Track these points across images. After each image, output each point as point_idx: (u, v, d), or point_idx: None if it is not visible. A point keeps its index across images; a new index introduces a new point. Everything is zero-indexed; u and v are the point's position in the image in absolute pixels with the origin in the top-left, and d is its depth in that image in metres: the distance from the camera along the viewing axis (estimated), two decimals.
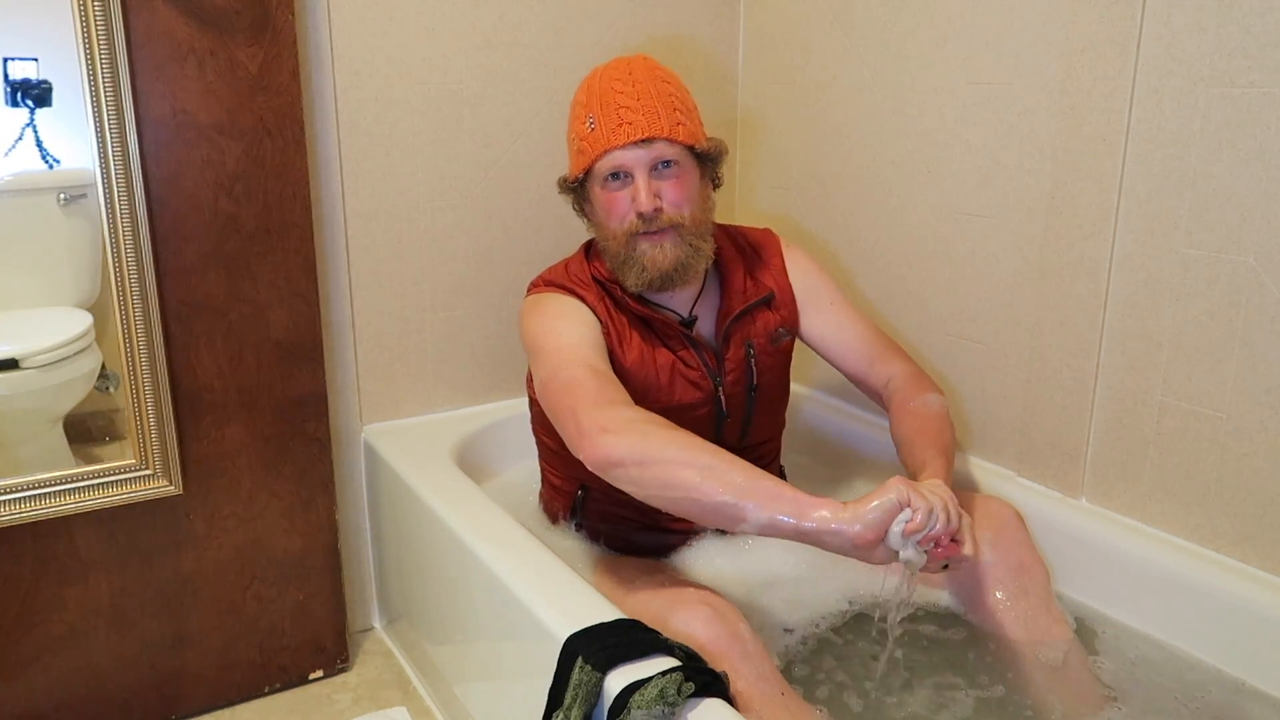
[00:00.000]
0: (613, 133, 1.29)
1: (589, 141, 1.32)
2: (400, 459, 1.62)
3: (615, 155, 1.30)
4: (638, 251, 1.32)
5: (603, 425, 1.16)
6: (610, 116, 1.30)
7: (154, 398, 1.45)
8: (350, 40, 1.60)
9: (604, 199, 1.34)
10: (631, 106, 1.30)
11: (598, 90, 1.33)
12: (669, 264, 1.31)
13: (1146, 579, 1.34)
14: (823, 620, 1.32)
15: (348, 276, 1.68)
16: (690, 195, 1.33)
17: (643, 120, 1.29)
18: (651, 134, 1.29)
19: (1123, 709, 1.21)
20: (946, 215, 1.61)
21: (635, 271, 1.33)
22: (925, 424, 1.32)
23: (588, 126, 1.32)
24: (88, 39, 1.32)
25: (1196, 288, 1.28)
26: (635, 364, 1.36)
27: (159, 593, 1.54)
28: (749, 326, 1.43)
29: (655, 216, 1.30)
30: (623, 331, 1.38)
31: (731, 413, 1.41)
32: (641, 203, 1.29)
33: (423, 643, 1.64)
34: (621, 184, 1.32)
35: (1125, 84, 1.31)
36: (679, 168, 1.32)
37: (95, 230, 1.39)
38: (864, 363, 1.46)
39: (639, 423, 1.15)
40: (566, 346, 1.29)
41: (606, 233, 1.35)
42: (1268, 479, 1.25)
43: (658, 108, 1.30)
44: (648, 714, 0.95)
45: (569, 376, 1.24)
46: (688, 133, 1.32)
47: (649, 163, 1.30)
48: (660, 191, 1.31)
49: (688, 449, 1.11)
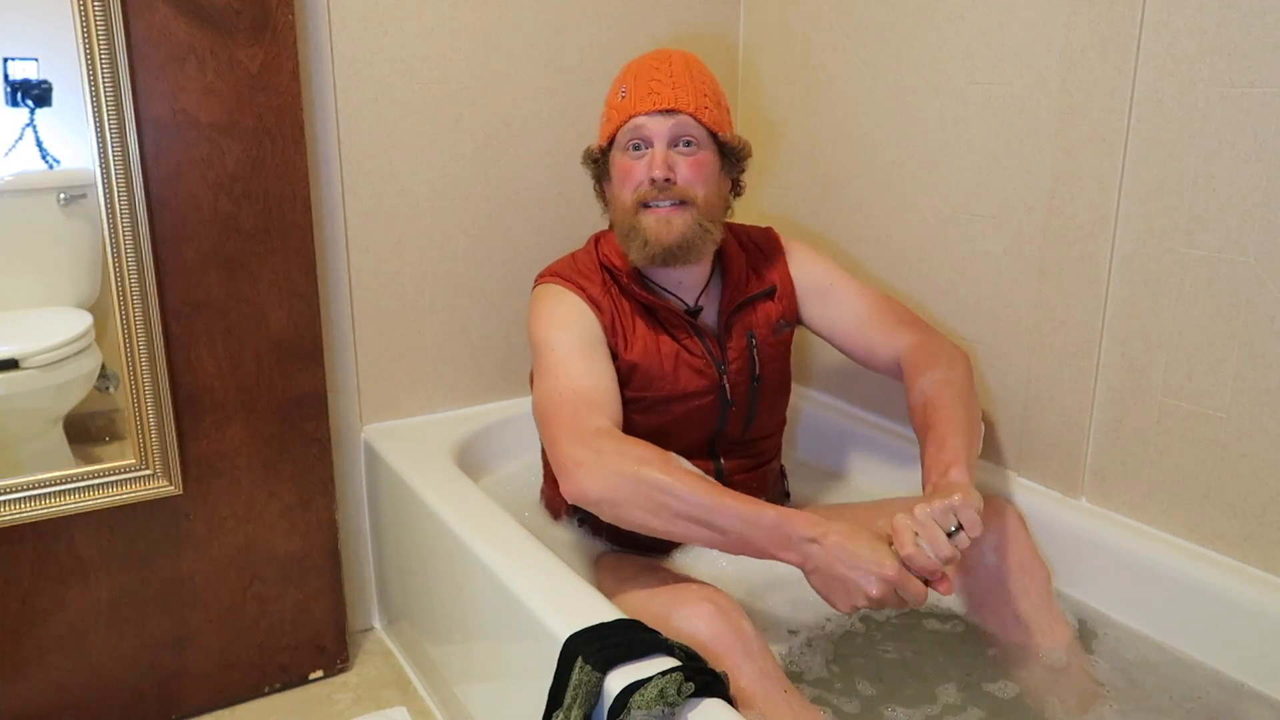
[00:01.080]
0: (640, 100, 1.33)
1: (617, 109, 1.36)
2: (400, 459, 1.62)
3: (639, 120, 1.33)
4: (642, 224, 1.33)
5: (578, 460, 1.18)
6: (641, 86, 1.34)
7: (154, 398, 1.45)
8: (350, 40, 1.60)
9: (621, 166, 1.36)
10: (663, 80, 1.34)
11: (635, 67, 1.39)
12: (673, 238, 1.31)
13: (1146, 579, 1.34)
14: (826, 621, 1.33)
15: (348, 276, 1.68)
16: (706, 177, 1.34)
17: (670, 93, 1.33)
18: (676, 105, 1.32)
19: (1122, 709, 1.21)
20: (946, 215, 1.61)
21: (639, 244, 1.33)
22: (929, 414, 1.27)
23: (619, 95, 1.37)
24: (88, 39, 1.32)
25: (1196, 288, 1.28)
26: (640, 354, 1.37)
27: (159, 593, 1.54)
28: (750, 316, 1.44)
29: (666, 186, 1.31)
30: (626, 321, 1.38)
31: (736, 401, 1.41)
32: (655, 168, 1.31)
33: (423, 643, 1.64)
34: (641, 154, 1.34)
35: (1125, 84, 1.31)
36: (699, 149, 1.34)
37: (95, 230, 1.39)
38: (868, 344, 1.44)
39: (613, 457, 1.17)
40: (558, 364, 1.30)
41: (618, 203, 1.37)
42: (1268, 479, 1.25)
43: (690, 87, 1.34)
44: (648, 714, 0.95)
45: (554, 403, 1.26)
46: (713, 118, 1.35)
47: (670, 134, 1.32)
48: (676, 165, 1.32)
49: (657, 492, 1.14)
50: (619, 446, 1.18)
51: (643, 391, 1.38)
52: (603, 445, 1.18)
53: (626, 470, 1.15)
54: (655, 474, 1.14)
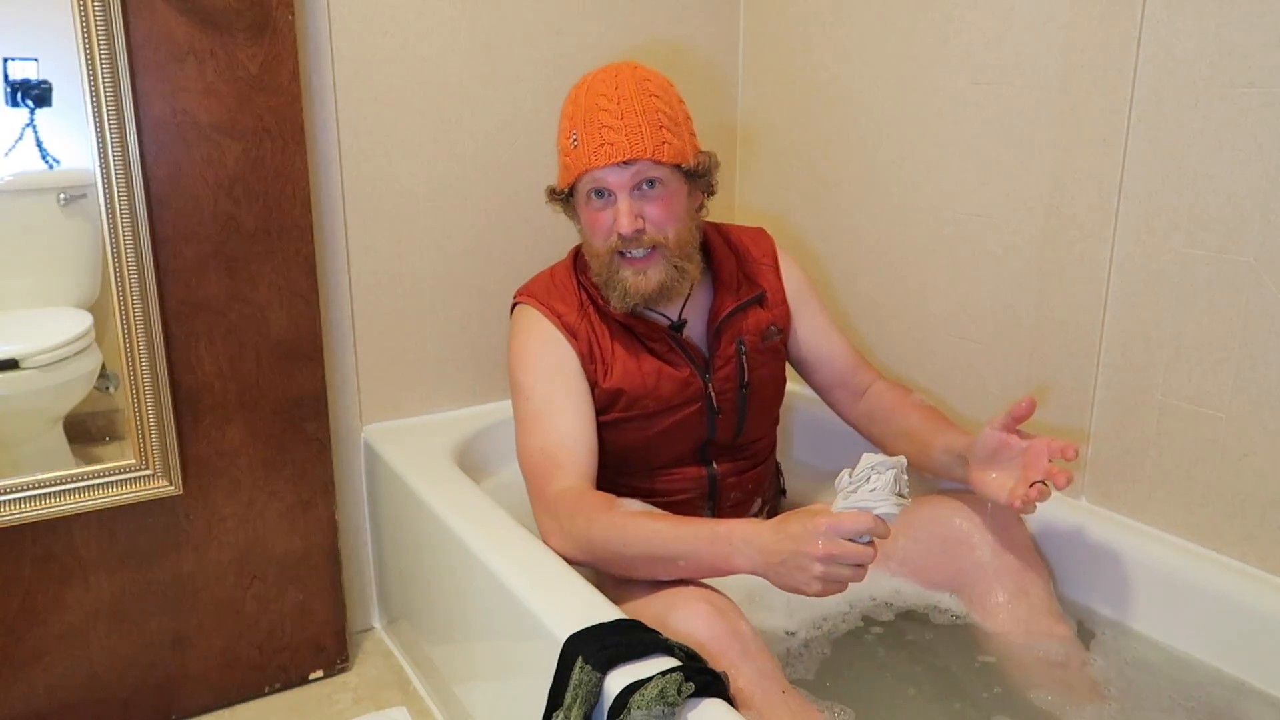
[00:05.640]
0: (594, 153, 1.27)
1: (572, 158, 1.31)
2: (400, 459, 1.62)
3: (596, 175, 1.29)
4: (619, 276, 1.32)
5: (547, 529, 1.27)
6: (593, 136, 1.27)
7: (154, 398, 1.45)
8: (350, 40, 1.60)
9: (587, 216, 1.34)
10: (614, 126, 1.27)
11: (583, 104, 1.30)
12: (651, 288, 1.32)
13: (1146, 579, 1.34)
14: (824, 621, 1.32)
15: (348, 276, 1.68)
16: (675, 214, 1.31)
17: (624, 141, 1.26)
18: (633, 155, 1.26)
19: (1122, 708, 1.21)
20: (946, 215, 1.61)
21: (618, 294, 1.33)
22: (933, 413, 1.44)
23: (571, 142, 1.31)
24: (88, 39, 1.32)
25: (1196, 288, 1.28)
26: (620, 377, 1.37)
27: (159, 593, 1.54)
28: (740, 323, 1.43)
29: (636, 238, 1.29)
30: (604, 344, 1.38)
31: (723, 409, 1.41)
32: (622, 225, 1.28)
33: (423, 643, 1.64)
34: (605, 202, 1.31)
35: (1125, 84, 1.31)
36: (663, 187, 1.30)
37: (95, 230, 1.39)
38: (849, 369, 1.52)
39: (568, 522, 1.23)
40: (530, 418, 1.35)
41: (590, 249, 1.36)
42: (1268, 479, 1.25)
43: (642, 126, 1.27)
44: (648, 714, 0.95)
45: (526, 466, 1.33)
46: (673, 151, 1.29)
47: (631, 183, 1.28)
48: (643, 211, 1.29)
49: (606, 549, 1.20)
50: (572, 510, 1.24)
51: (628, 411, 1.38)
52: (560, 512, 1.25)
53: (579, 536, 1.22)
54: (602, 533, 1.20)
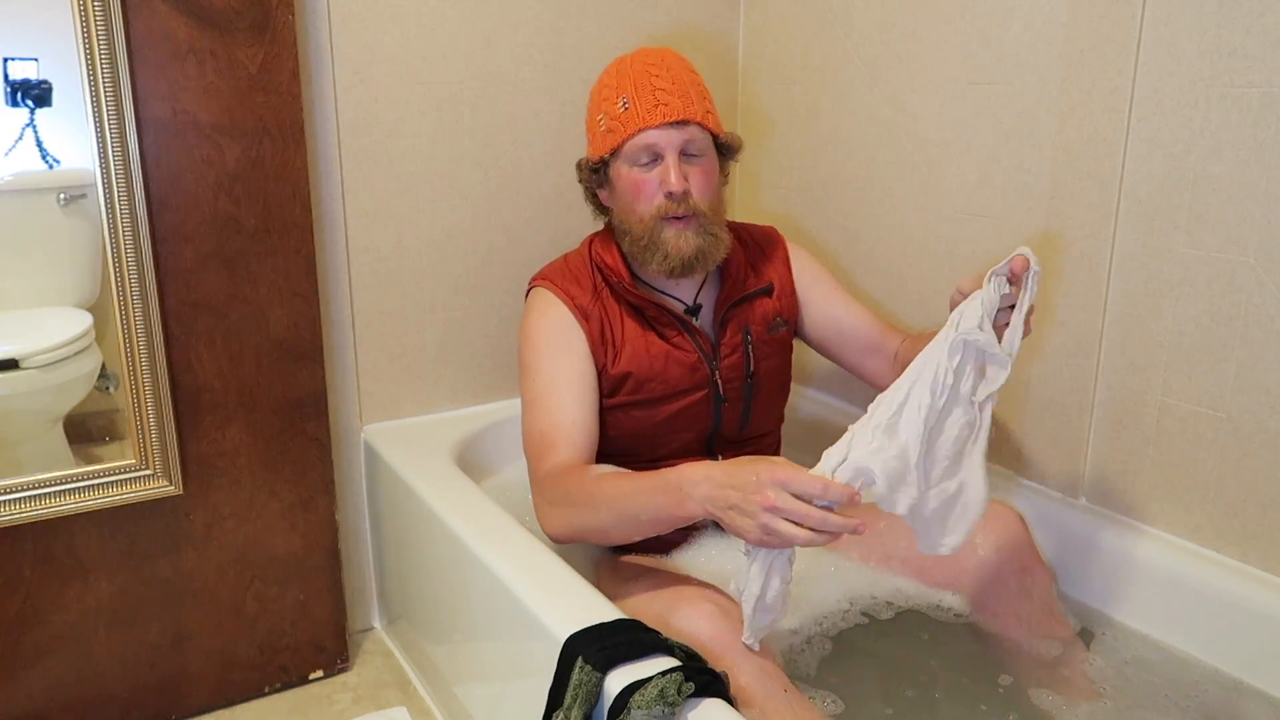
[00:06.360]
0: (649, 112, 1.31)
1: (620, 121, 1.33)
2: (400, 459, 1.62)
3: (649, 135, 1.31)
4: (663, 237, 1.33)
5: (540, 511, 1.29)
6: (646, 97, 1.31)
7: (154, 398, 1.45)
8: (350, 40, 1.60)
9: (631, 180, 1.34)
10: (667, 89, 1.32)
11: (630, 73, 1.35)
12: (691, 251, 1.33)
13: (1146, 579, 1.34)
14: (824, 619, 1.32)
15: (348, 276, 1.68)
16: (712, 185, 1.36)
17: (678, 103, 1.31)
18: (686, 116, 1.31)
19: (1123, 707, 1.21)
20: (946, 215, 1.61)
21: (659, 258, 1.33)
22: None
23: (619, 107, 1.33)
24: (88, 39, 1.32)
25: (1196, 288, 1.28)
26: (629, 360, 1.38)
27: (159, 593, 1.54)
28: (747, 313, 1.44)
29: (684, 199, 1.31)
30: (615, 326, 1.39)
31: (729, 398, 1.42)
32: (672, 182, 1.30)
33: (423, 643, 1.64)
34: (651, 165, 1.33)
35: (1125, 84, 1.31)
36: (705, 158, 1.34)
37: (95, 230, 1.39)
38: (877, 332, 1.48)
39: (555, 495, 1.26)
40: (535, 399, 1.36)
41: (631, 216, 1.35)
42: (1268, 479, 1.25)
43: (691, 93, 1.33)
44: (648, 714, 0.95)
45: (527, 446, 1.35)
46: (716, 122, 1.36)
47: (680, 145, 1.32)
48: (688, 175, 1.32)
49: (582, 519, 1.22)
50: (555, 486, 1.26)
51: (634, 394, 1.38)
52: (546, 490, 1.28)
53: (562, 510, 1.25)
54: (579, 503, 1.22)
